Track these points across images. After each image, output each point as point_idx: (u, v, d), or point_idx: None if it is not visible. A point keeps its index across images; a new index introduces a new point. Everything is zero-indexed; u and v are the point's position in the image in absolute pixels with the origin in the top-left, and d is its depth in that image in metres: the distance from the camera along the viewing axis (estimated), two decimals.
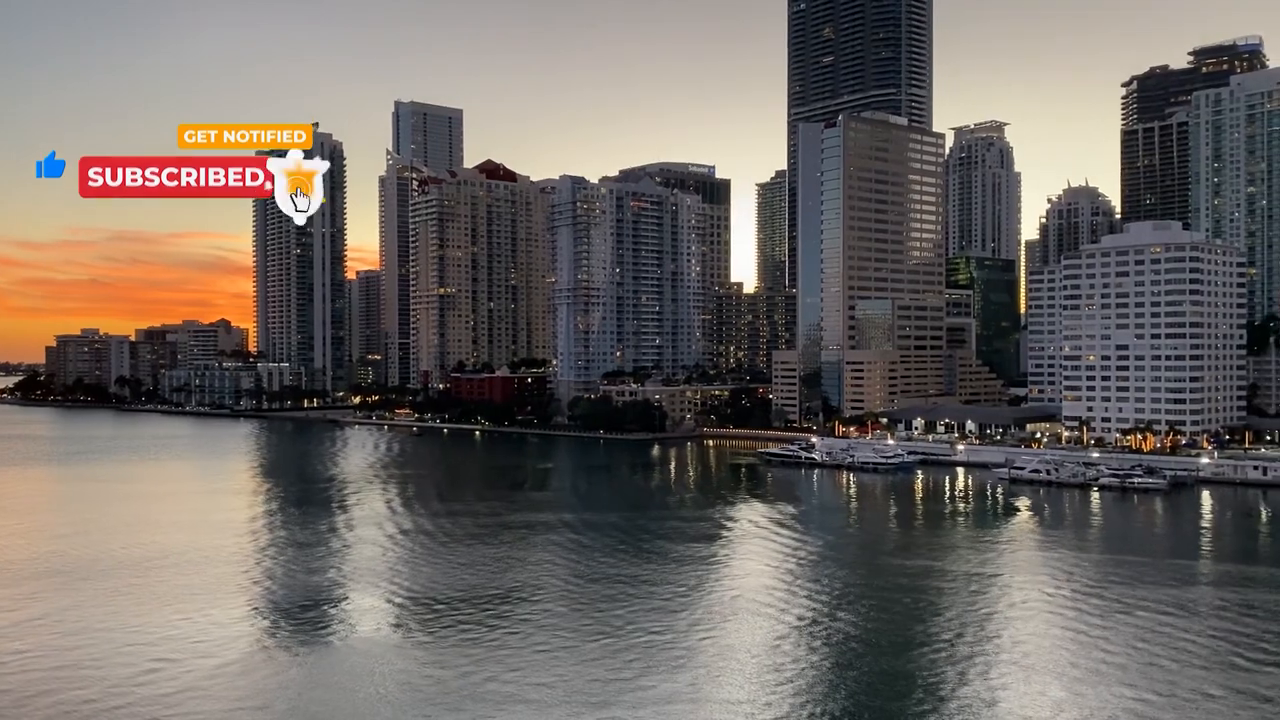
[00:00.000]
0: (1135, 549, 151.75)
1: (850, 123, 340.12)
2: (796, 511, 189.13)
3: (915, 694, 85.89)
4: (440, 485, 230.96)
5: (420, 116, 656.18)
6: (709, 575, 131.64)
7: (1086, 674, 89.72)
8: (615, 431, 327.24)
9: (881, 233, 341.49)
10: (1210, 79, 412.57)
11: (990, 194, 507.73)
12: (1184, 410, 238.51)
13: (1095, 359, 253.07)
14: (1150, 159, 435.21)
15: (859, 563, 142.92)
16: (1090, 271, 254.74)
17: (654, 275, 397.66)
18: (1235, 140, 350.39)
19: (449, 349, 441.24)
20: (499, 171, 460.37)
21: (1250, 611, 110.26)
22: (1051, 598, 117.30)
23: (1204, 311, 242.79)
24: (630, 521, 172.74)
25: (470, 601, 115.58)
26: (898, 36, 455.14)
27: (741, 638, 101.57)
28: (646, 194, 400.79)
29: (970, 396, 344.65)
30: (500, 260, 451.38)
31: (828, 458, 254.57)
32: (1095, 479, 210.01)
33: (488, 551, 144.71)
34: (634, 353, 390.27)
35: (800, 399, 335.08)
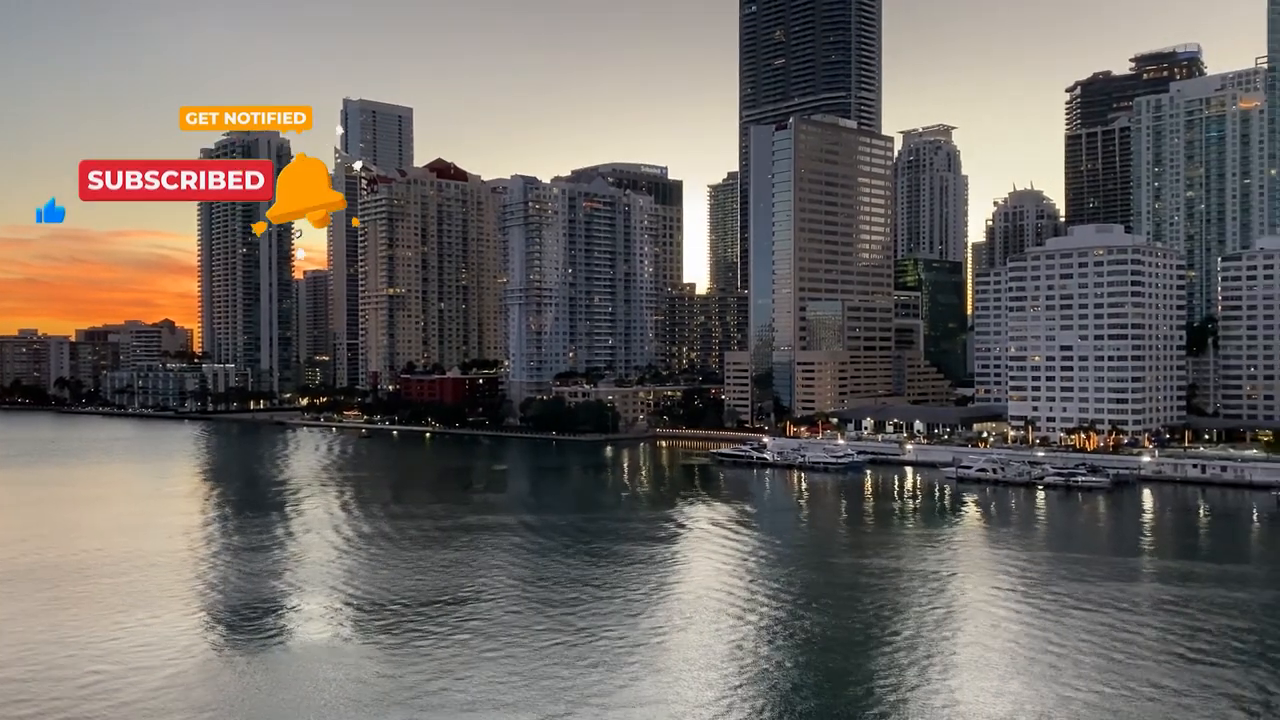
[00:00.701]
0: (1080, 546, 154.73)
1: (801, 125, 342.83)
2: (749, 512, 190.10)
3: (873, 694, 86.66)
4: (391, 488, 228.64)
5: (369, 115, 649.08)
6: (663, 576, 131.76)
7: (1039, 670, 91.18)
8: (568, 433, 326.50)
9: (831, 234, 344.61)
10: (1151, 85, 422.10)
11: (938, 197, 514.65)
12: (1126, 410, 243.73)
13: (1040, 360, 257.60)
14: (1093, 163, 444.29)
15: (811, 562, 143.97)
16: (1035, 274, 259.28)
17: (607, 276, 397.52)
18: (1175, 146, 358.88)
19: (398, 350, 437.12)
20: (449, 171, 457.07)
21: (1190, 606, 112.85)
22: (1001, 595, 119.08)
23: (1145, 313, 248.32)
24: (583, 523, 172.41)
25: (424, 605, 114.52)
26: (847, 40, 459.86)
27: (697, 638, 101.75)
28: (599, 194, 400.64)
29: (918, 397, 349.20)
30: (451, 260, 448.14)
31: (779, 458, 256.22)
32: (1040, 478, 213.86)
33: (440, 555, 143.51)
34: (587, 353, 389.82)
35: (752, 399, 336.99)
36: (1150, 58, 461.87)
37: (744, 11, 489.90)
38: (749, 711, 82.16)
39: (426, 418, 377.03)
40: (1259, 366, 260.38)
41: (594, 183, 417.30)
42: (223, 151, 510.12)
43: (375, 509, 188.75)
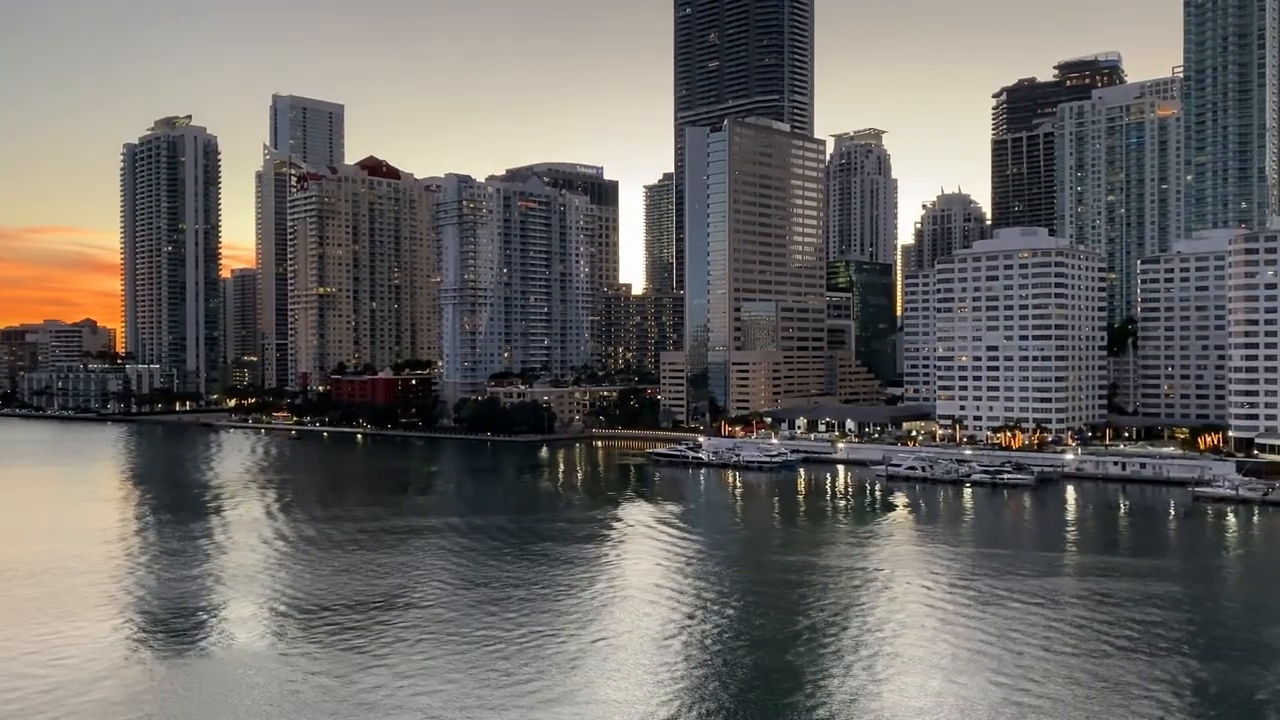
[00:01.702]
0: (1006, 542, 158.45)
1: (735, 128, 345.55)
2: (684, 510, 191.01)
3: (801, 688, 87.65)
4: (320, 490, 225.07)
5: (299, 111, 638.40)
6: (598, 576, 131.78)
7: (964, 664, 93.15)
8: (503, 433, 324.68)
9: (765, 236, 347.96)
10: (1074, 92, 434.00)
11: (868, 199, 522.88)
12: (1050, 409, 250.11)
13: (967, 360, 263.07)
14: (1019, 167, 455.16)
15: (744, 560, 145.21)
16: (962, 276, 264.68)
17: (542, 276, 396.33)
18: (1097, 151, 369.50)
19: (329, 350, 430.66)
20: (382, 168, 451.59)
21: (1112, 599, 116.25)
22: (928, 591, 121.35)
23: (1068, 314, 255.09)
24: (518, 524, 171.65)
25: (354, 608, 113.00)
26: (780, 44, 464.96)
27: (631, 637, 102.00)
28: (534, 194, 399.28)
29: (850, 396, 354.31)
30: (383, 259, 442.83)
31: (714, 457, 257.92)
32: (967, 475, 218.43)
33: (371, 557, 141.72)
34: (522, 354, 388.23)
35: (688, 399, 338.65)
36: (1073, 65, 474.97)
37: (679, 14, 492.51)
38: (685, 710, 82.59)
39: (358, 419, 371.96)
40: (1176, 366, 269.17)
41: (529, 182, 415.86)
42: (147, 148, 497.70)
43: (305, 512, 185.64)
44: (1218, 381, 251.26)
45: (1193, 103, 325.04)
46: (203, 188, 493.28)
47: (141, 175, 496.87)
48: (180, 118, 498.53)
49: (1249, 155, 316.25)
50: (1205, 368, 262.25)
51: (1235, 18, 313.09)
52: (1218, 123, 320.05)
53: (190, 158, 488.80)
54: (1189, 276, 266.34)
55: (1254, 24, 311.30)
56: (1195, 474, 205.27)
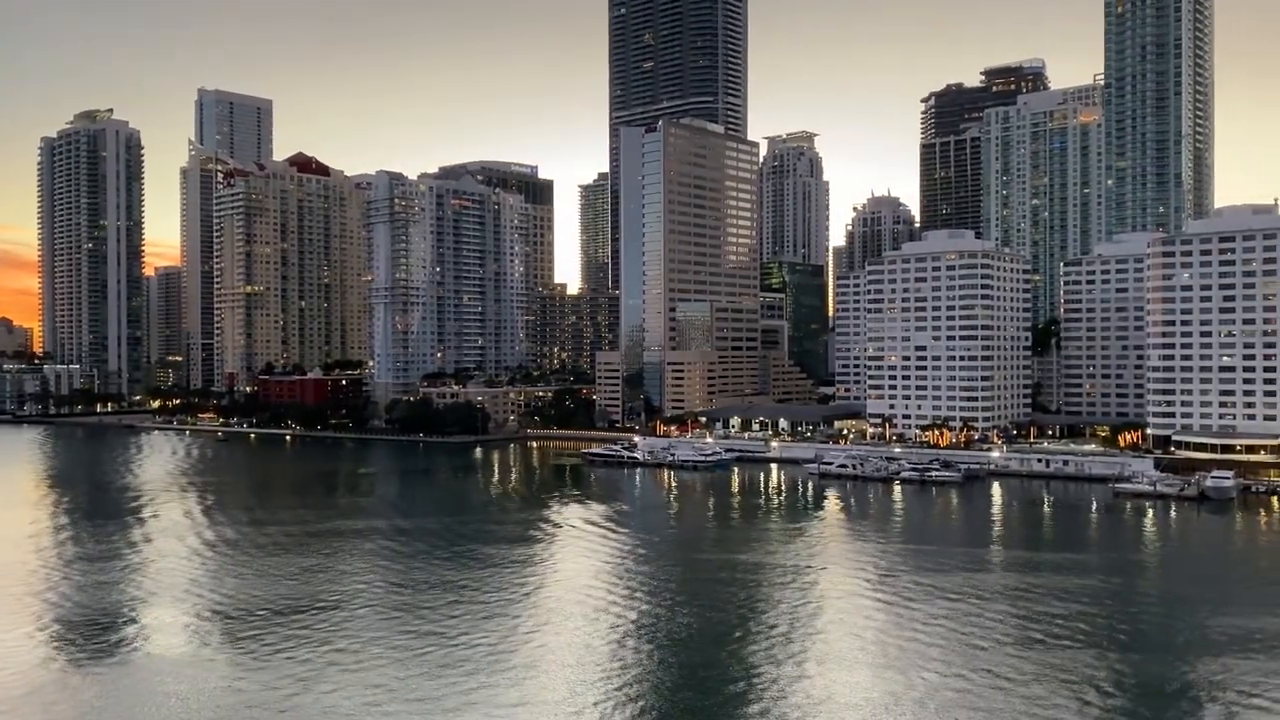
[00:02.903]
0: (935, 539, 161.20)
1: (670, 128, 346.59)
2: (619, 510, 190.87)
3: (735, 686, 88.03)
4: (246, 492, 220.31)
5: (226, 106, 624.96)
6: (532, 577, 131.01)
7: (901, 661, 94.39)
8: (435, 434, 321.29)
9: (700, 237, 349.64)
10: (1000, 98, 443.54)
11: (801, 201, 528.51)
12: (976, 407, 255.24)
13: (897, 359, 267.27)
14: (946, 171, 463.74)
15: (678, 559, 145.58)
16: (892, 277, 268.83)
17: (476, 275, 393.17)
18: (1021, 156, 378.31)
19: (257, 350, 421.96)
20: (311, 165, 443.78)
21: (1037, 593, 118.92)
22: (862, 587, 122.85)
23: (994, 315, 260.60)
24: (450, 526, 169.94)
25: (280, 613, 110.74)
26: (714, 46, 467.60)
27: (568, 638, 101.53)
28: (468, 192, 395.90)
29: (783, 395, 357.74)
30: (312, 257, 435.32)
31: (649, 457, 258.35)
32: (897, 473, 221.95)
33: (299, 561, 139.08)
34: (455, 354, 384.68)
35: (623, 399, 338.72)
36: (999, 71, 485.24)
37: (613, 14, 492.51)
38: (619, 710, 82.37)
39: (286, 420, 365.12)
40: (1097, 366, 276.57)
41: (462, 180, 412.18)
42: (67, 142, 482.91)
43: (231, 515, 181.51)
44: (1137, 381, 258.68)
45: (1113, 109, 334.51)
46: (125, 183, 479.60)
47: (60, 170, 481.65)
48: (101, 111, 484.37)
49: (1166, 161, 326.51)
50: (1125, 367, 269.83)
51: (1153, 27, 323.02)
52: (1136, 129, 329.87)
53: (112, 152, 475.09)
54: (1109, 278, 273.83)
55: (1171, 34, 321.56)
56: (1115, 471, 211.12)
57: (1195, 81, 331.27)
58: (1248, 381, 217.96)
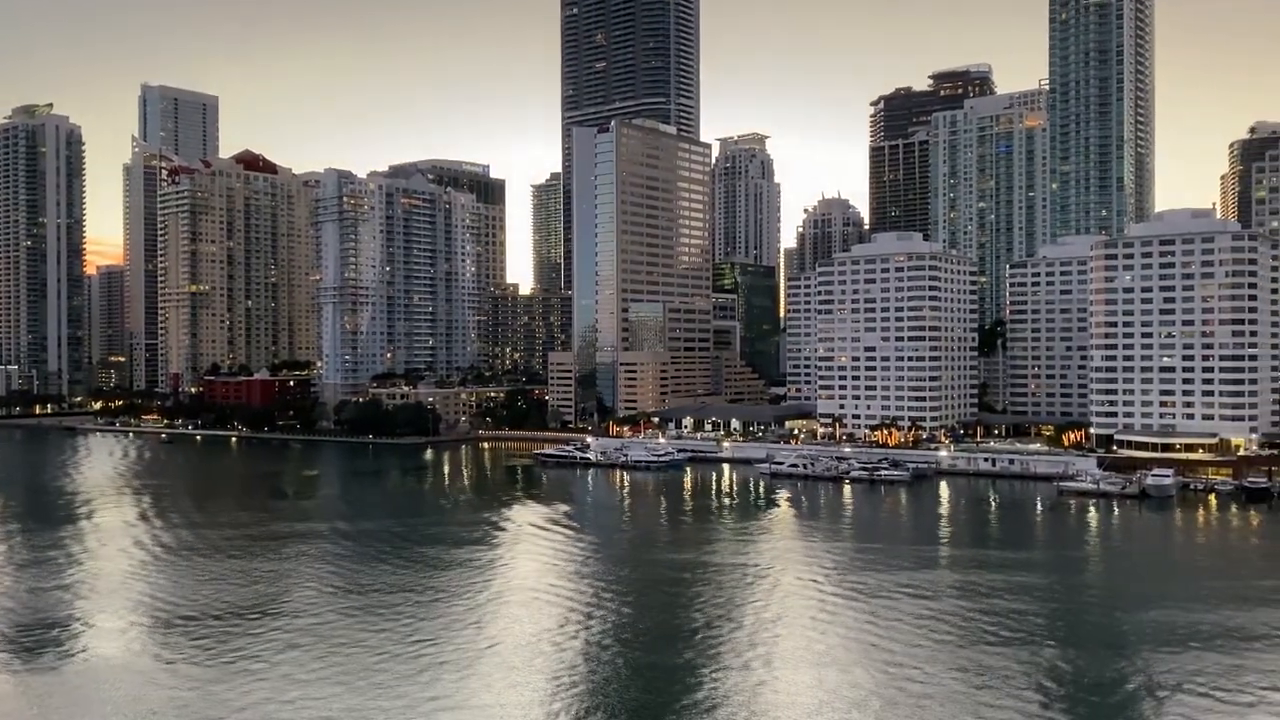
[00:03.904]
0: (883, 537, 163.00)
1: (623, 129, 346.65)
2: (571, 511, 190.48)
3: (688, 687, 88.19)
4: (191, 495, 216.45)
5: (170, 102, 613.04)
6: (483, 580, 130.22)
7: (845, 658, 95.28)
8: (385, 436, 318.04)
9: (653, 237, 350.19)
10: (947, 102, 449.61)
11: (753, 203, 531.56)
12: (924, 407, 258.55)
13: (846, 360, 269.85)
14: (895, 174, 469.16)
15: (632, 559, 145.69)
16: (842, 278, 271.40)
17: (426, 275, 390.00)
18: (968, 159, 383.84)
19: (202, 350, 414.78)
20: (258, 163, 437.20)
21: (983, 590, 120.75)
22: (813, 586, 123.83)
23: (941, 316, 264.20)
24: (401, 528, 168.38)
25: (226, 618, 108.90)
26: (667, 47, 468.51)
27: (518, 640, 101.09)
28: (418, 191, 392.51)
29: (735, 396, 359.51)
30: (259, 256, 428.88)
31: (602, 457, 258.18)
32: (847, 472, 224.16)
33: (246, 565, 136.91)
34: (405, 354, 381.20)
35: (576, 400, 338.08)
36: (946, 75, 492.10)
37: (565, 14, 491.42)
38: (575, 713, 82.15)
39: (233, 422, 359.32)
40: (1041, 366, 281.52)
41: (413, 179, 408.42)
42: (4, 137, 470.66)
43: (176, 518, 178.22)
44: (1080, 381, 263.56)
45: (1057, 114, 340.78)
46: (65, 180, 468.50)
47: None
48: (40, 105, 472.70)
49: (1109, 165, 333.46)
50: (1069, 367, 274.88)
51: (1096, 34, 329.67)
52: (1080, 134, 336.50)
53: (51, 148, 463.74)
54: (1053, 280, 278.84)
55: (1113, 41, 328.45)
56: (1060, 469, 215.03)
57: (1136, 87, 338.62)
58: (1187, 382, 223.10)
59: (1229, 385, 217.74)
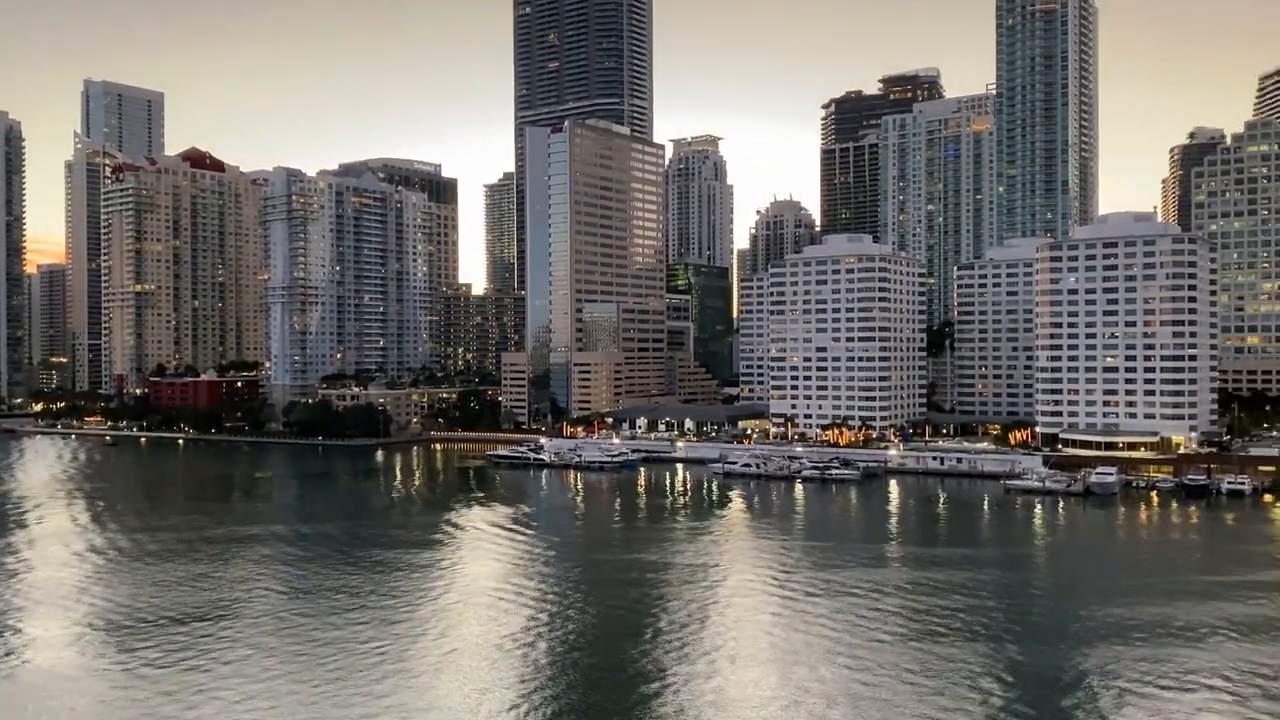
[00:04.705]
0: (835, 535, 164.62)
1: (576, 129, 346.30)
2: (524, 512, 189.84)
3: (643, 687, 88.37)
4: (136, 498, 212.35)
5: (114, 98, 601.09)
6: (436, 581, 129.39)
7: (802, 656, 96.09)
8: (336, 437, 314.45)
9: (607, 238, 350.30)
10: (897, 105, 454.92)
11: (706, 204, 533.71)
12: (874, 407, 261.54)
13: (798, 360, 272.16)
14: (846, 177, 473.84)
15: (585, 560, 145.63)
16: (794, 280, 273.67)
17: (377, 274, 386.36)
18: (917, 162, 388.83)
19: (147, 351, 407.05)
20: (205, 160, 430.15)
21: (932, 588, 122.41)
22: (765, 584, 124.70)
23: (891, 317, 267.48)
24: (351, 531, 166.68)
25: (175, 623, 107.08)
26: (619, 48, 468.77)
27: (471, 642, 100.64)
28: (369, 190, 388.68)
29: (689, 396, 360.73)
30: (206, 255, 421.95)
31: (556, 458, 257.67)
32: (799, 471, 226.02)
33: (194, 568, 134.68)
34: (356, 355, 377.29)
35: (530, 400, 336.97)
36: (896, 79, 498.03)
37: (518, 13, 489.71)
38: (531, 713, 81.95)
39: (179, 424, 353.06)
40: (989, 366, 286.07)
41: (363, 178, 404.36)
42: None
43: (119, 522, 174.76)
44: (1026, 380, 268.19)
45: (1004, 119, 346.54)
46: (4, 177, 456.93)
47: None
48: None
49: (1054, 169, 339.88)
50: (1015, 368, 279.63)
51: (1042, 40, 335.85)
52: (1026, 138, 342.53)
53: None
54: (1000, 282, 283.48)
55: (1058, 47, 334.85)
56: (1006, 468, 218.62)
57: (1080, 93, 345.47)
58: (1129, 381, 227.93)
59: (1170, 385, 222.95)
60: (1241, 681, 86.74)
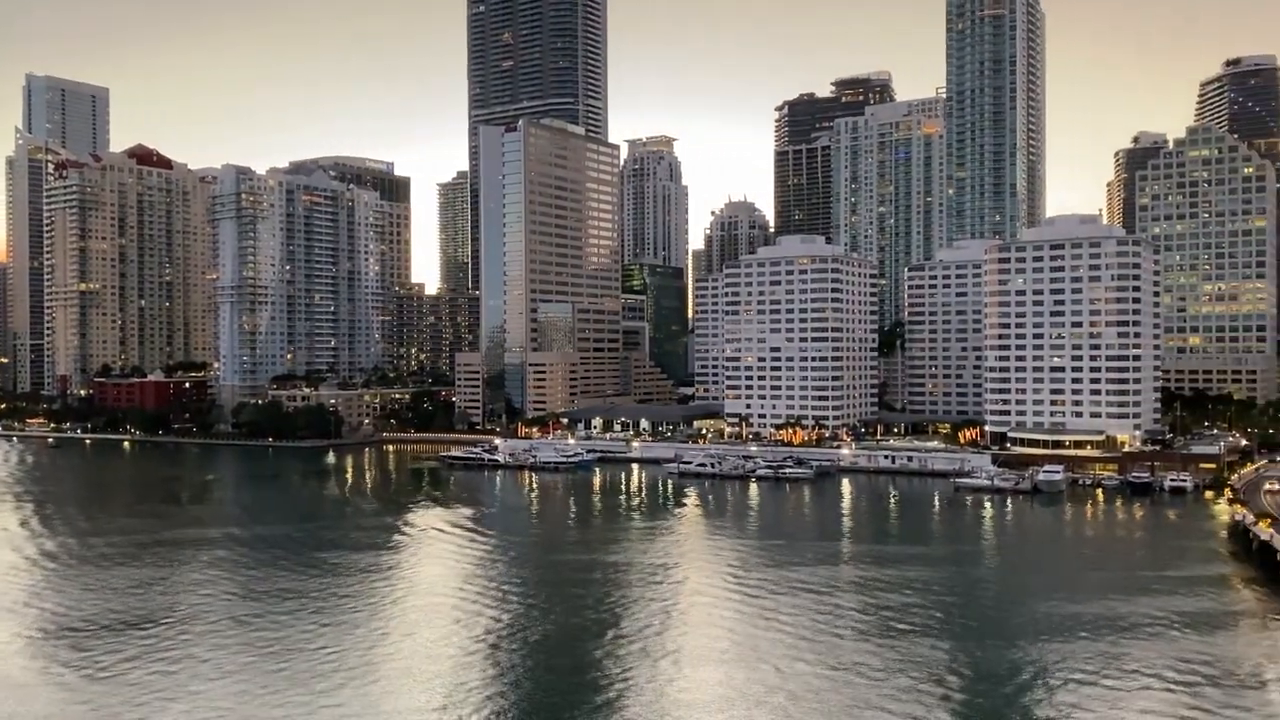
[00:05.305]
0: (789, 534, 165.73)
1: (531, 128, 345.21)
2: (478, 514, 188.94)
3: (596, 686, 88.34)
4: (82, 502, 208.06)
5: (57, 93, 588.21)
6: (389, 584, 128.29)
7: (751, 654, 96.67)
8: (286, 439, 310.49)
9: (562, 238, 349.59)
10: (849, 108, 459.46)
11: (661, 205, 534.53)
12: (827, 406, 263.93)
13: (753, 360, 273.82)
14: (799, 178, 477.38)
15: (539, 560, 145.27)
16: (748, 280, 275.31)
17: (329, 273, 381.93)
18: (869, 165, 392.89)
19: (92, 351, 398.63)
20: (152, 157, 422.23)
21: (884, 585, 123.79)
22: (720, 584, 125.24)
23: (843, 317, 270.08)
24: (302, 533, 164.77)
25: (122, 628, 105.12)
26: (574, 48, 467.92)
27: (426, 645, 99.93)
28: (320, 188, 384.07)
29: (644, 396, 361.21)
30: (153, 254, 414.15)
31: (510, 459, 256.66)
32: (753, 470, 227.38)
33: (141, 573, 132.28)
34: (307, 355, 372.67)
35: (484, 401, 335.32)
36: (848, 82, 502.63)
37: (472, 11, 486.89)
38: (482, 714, 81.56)
39: (125, 425, 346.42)
40: (939, 366, 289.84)
41: (314, 176, 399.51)
42: None
43: (62, 525, 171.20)
44: (975, 380, 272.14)
45: (954, 122, 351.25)
46: None
47: None
48: None
49: (1002, 172, 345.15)
50: (965, 367, 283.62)
51: (990, 45, 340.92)
52: (975, 141, 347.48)
53: None
54: (950, 283, 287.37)
55: (1007, 51, 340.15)
56: (956, 466, 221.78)
57: (1029, 97, 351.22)
58: (1075, 381, 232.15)
59: (1114, 385, 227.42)
60: (1184, 674, 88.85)
